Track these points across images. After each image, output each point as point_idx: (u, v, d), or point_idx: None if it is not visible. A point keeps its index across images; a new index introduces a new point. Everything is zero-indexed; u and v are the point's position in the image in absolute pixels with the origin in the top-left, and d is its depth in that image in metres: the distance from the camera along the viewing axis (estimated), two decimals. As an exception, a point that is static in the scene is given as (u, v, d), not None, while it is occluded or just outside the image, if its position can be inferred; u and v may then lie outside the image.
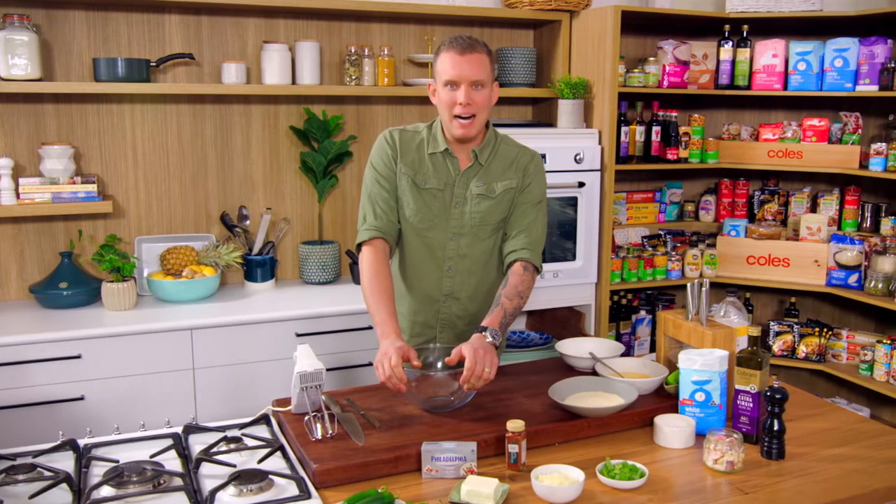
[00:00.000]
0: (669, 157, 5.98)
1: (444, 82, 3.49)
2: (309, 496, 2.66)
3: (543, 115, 6.05)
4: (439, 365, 3.51)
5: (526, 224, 3.73)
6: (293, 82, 5.27)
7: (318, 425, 3.06)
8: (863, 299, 5.59)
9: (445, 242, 3.69)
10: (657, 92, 5.92)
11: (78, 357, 4.39)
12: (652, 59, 5.86)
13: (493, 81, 3.60)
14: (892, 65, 5.51)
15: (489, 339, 3.32)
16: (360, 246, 3.68)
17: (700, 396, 3.18)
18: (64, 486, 2.71)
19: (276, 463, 2.91)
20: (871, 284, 5.56)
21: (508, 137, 3.83)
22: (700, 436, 3.12)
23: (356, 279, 5.45)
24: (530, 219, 3.74)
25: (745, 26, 5.94)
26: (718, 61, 6.07)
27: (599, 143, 5.52)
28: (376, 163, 3.71)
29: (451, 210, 3.66)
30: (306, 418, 3.14)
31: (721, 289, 6.01)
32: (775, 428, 3.01)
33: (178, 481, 2.73)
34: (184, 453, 3.00)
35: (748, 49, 5.98)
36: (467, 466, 2.82)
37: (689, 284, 3.46)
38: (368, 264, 3.59)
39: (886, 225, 5.78)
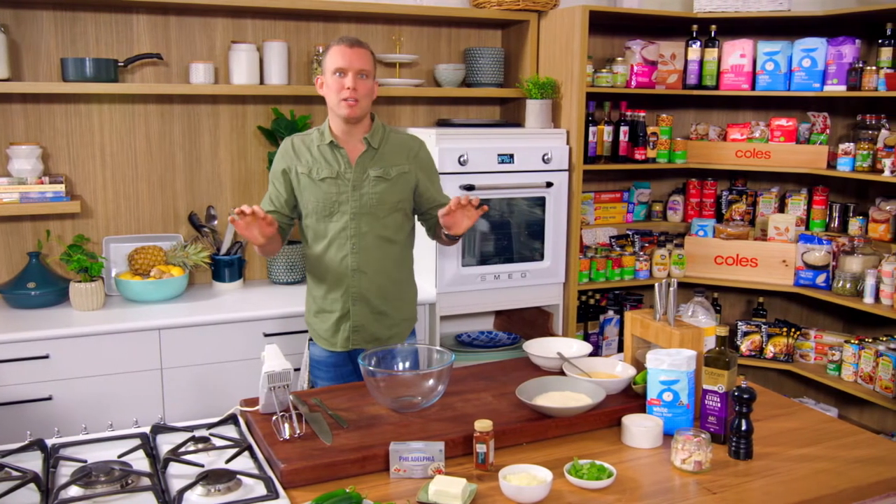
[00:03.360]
0: (637, 157, 6.00)
1: (334, 70, 3.93)
2: (277, 496, 2.65)
3: (511, 115, 6.06)
4: (406, 365, 3.53)
5: (437, 199, 4.19)
6: (261, 82, 5.26)
7: (286, 425, 3.06)
8: (831, 299, 5.62)
9: (347, 223, 4.03)
10: (625, 92, 5.93)
11: (46, 357, 4.38)
12: (620, 59, 5.88)
13: (375, 79, 4.06)
14: (860, 65, 5.55)
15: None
16: None
17: (668, 396, 3.20)
18: (32, 486, 2.70)
19: (243, 463, 2.90)
20: (839, 284, 5.59)
21: (395, 128, 4.28)
22: (668, 436, 3.14)
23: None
24: (438, 195, 4.23)
25: (713, 26, 5.97)
26: (686, 61, 6.09)
27: (567, 143, 5.53)
28: (272, 174, 4.20)
29: (350, 193, 4.01)
30: (274, 418, 3.14)
31: (689, 289, 6.01)
32: (743, 428, 3.02)
33: (145, 481, 2.73)
34: (152, 453, 2.99)
35: (716, 49, 6.01)
36: (435, 466, 2.82)
37: (656, 284, 3.47)
38: None
39: (854, 225, 5.81)
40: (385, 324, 4.15)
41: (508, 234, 5.41)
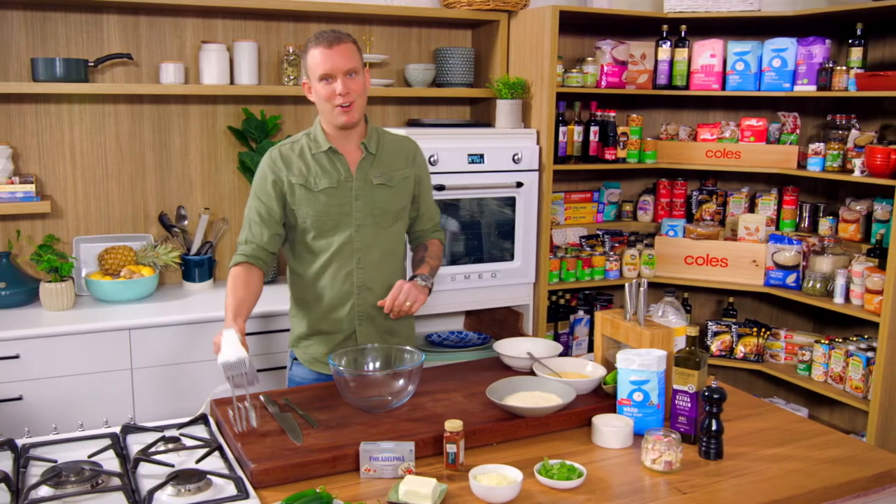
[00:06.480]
0: (608, 157, 6.01)
1: (319, 77, 3.62)
2: (247, 496, 2.66)
3: (481, 116, 6.07)
4: (377, 365, 3.53)
5: (428, 208, 4.09)
6: (231, 82, 5.26)
7: (238, 416, 3.07)
8: (801, 299, 5.64)
9: (352, 237, 3.75)
10: (595, 92, 5.94)
11: (16, 357, 4.36)
12: (590, 59, 5.89)
13: (364, 67, 3.77)
14: (830, 65, 5.57)
15: (420, 282, 3.71)
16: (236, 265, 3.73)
17: (638, 396, 3.20)
18: (2, 486, 2.69)
19: (214, 463, 2.90)
20: (809, 284, 5.61)
21: (383, 129, 4.00)
22: (638, 436, 3.15)
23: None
24: (429, 203, 4.10)
25: (684, 26, 5.98)
26: (656, 61, 6.10)
27: (537, 143, 5.54)
28: (257, 190, 3.77)
29: (352, 204, 3.72)
30: (231, 412, 3.13)
31: (659, 289, 6.01)
32: (713, 428, 3.03)
33: (116, 481, 2.72)
34: (122, 453, 2.99)
35: (686, 49, 6.02)
36: (405, 466, 2.82)
37: (627, 284, 3.48)
38: (237, 275, 3.68)
39: (824, 225, 5.84)
40: (392, 343, 3.84)
41: (479, 234, 5.41)
